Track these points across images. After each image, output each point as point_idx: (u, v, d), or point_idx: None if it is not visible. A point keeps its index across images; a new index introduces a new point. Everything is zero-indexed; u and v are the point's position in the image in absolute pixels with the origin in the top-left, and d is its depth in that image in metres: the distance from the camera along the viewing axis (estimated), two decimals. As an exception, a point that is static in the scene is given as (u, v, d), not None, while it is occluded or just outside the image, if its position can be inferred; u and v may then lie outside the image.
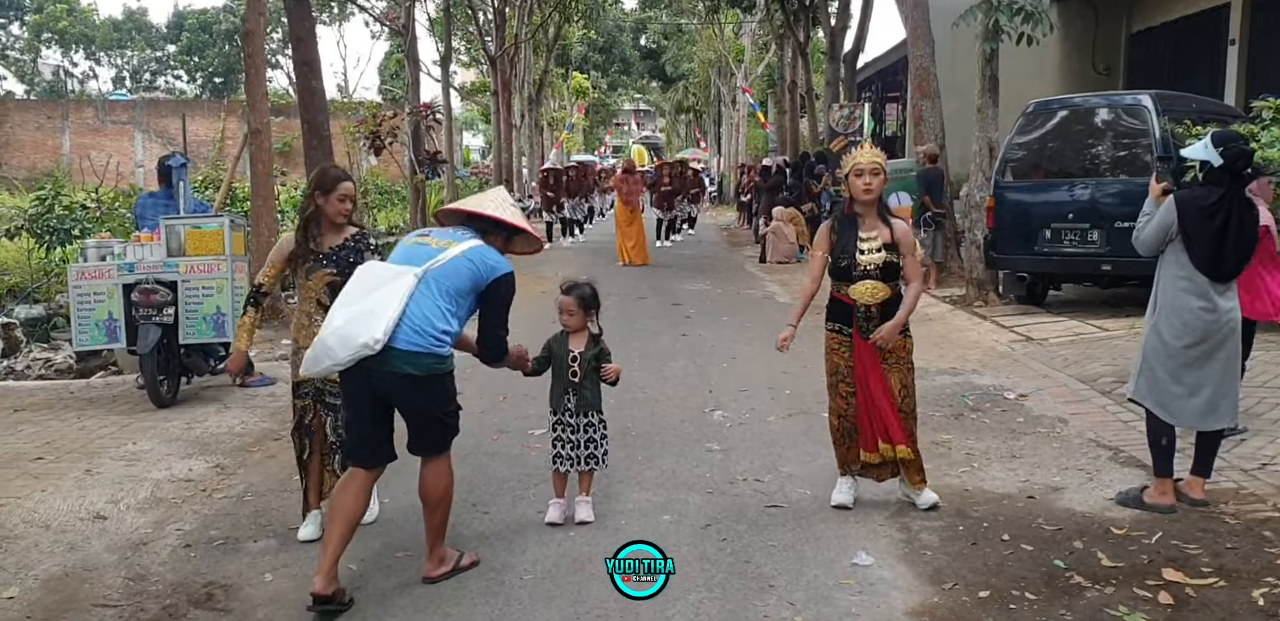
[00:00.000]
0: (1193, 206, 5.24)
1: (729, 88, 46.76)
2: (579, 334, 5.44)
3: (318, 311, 4.99)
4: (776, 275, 17.39)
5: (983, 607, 4.28)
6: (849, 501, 5.51)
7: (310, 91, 14.07)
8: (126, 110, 44.33)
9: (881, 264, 5.33)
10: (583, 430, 5.39)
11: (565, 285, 5.53)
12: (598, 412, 5.45)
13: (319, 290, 5.08)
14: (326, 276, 5.07)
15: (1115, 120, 11.27)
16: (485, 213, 4.69)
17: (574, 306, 5.41)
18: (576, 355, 5.40)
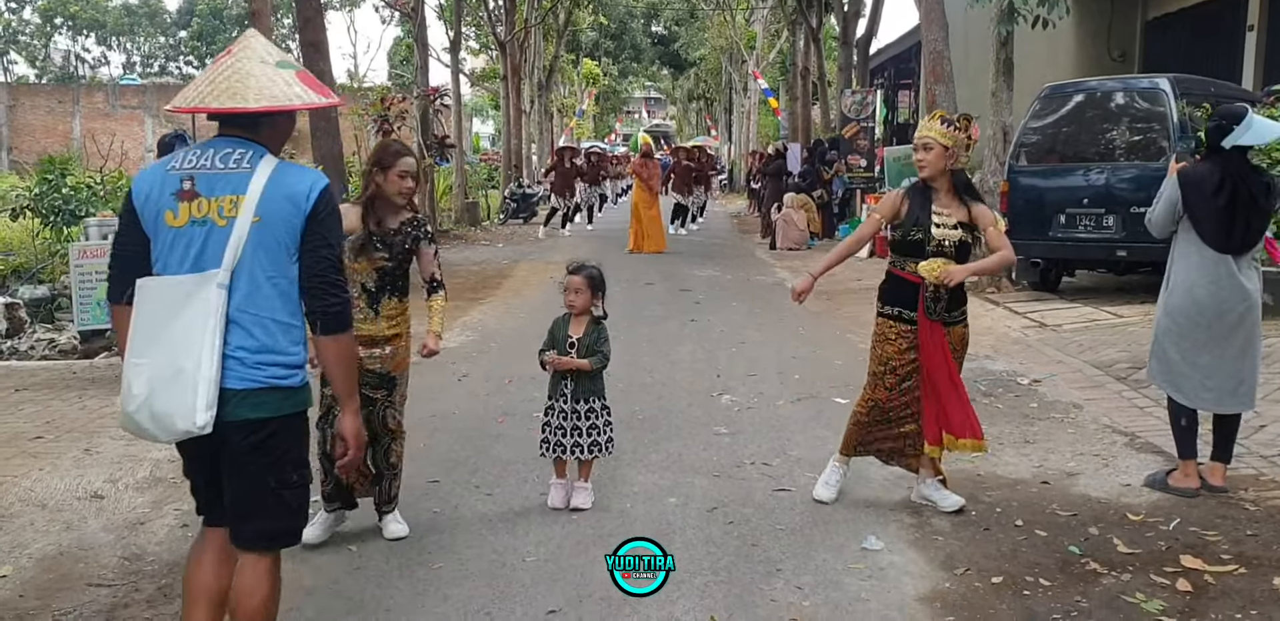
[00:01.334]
0: (1197, 182, 5.22)
1: (740, 75, 46.55)
2: (581, 317, 5.24)
3: (361, 297, 4.70)
4: (787, 262, 17.26)
5: (996, 593, 4.17)
6: (832, 496, 5.23)
7: (318, 73, 13.96)
8: (137, 95, 44.27)
9: (957, 242, 4.91)
10: (584, 416, 5.20)
11: (572, 265, 5.35)
12: (599, 398, 5.24)
13: (366, 274, 4.73)
14: (379, 261, 4.73)
15: (1132, 104, 11.12)
16: (258, 107, 3.06)
17: (581, 285, 5.22)
18: (575, 341, 5.19)
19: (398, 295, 4.81)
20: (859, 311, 11.53)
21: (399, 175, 4.68)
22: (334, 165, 14.51)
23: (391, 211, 4.80)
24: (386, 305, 4.76)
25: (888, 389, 5.11)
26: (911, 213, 4.98)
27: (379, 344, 4.74)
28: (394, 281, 4.79)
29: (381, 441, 4.81)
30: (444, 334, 5.22)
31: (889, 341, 5.10)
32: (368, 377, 4.63)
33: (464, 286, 14.23)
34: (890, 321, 5.10)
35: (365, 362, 4.60)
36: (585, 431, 5.20)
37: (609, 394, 5.37)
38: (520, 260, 17.64)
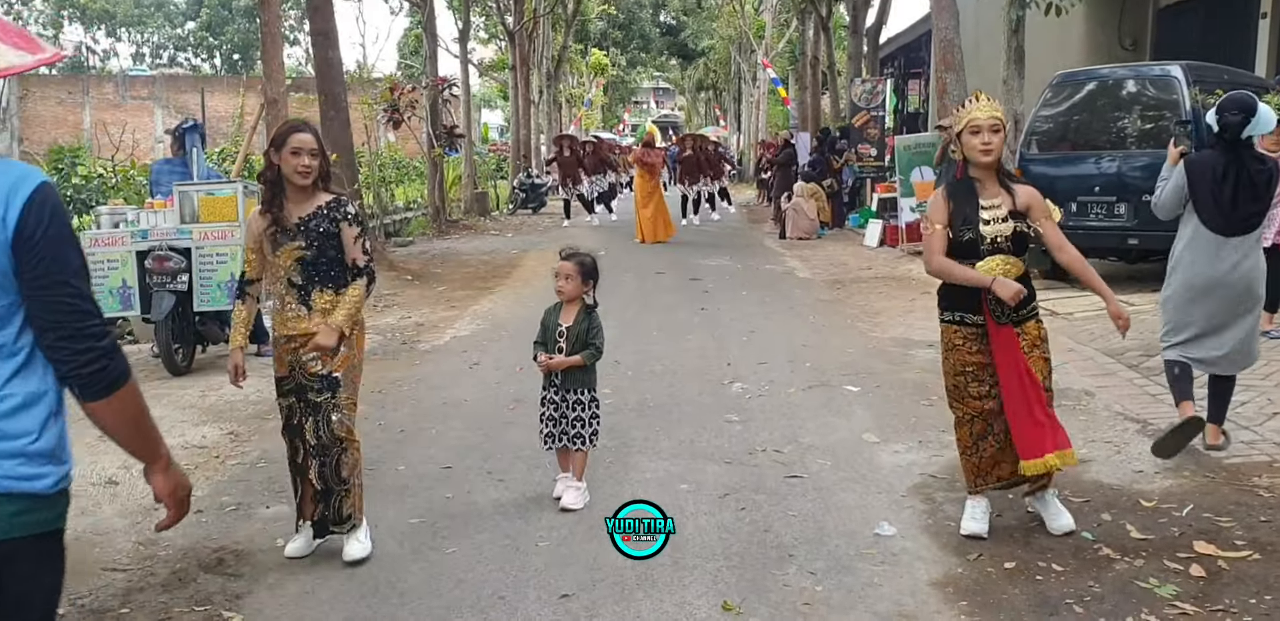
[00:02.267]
0: (1201, 168, 5.52)
1: (749, 64, 46.40)
2: (572, 305, 5.09)
3: (290, 293, 4.43)
4: (796, 251, 17.23)
5: (1009, 579, 4.17)
6: (984, 530, 4.59)
7: (327, 62, 13.99)
8: (146, 86, 44.33)
9: (1012, 234, 4.47)
10: (571, 407, 5.05)
11: (565, 251, 5.22)
12: (589, 390, 5.10)
13: (288, 268, 4.41)
14: (295, 251, 4.37)
15: (1144, 92, 11.07)
16: None
17: (571, 271, 5.05)
18: (564, 330, 5.05)
19: (332, 286, 4.45)
20: (869, 300, 11.55)
21: (292, 152, 4.33)
22: (345, 156, 14.51)
23: (303, 195, 4.45)
24: (320, 299, 4.43)
25: (975, 399, 4.63)
26: (959, 211, 4.53)
27: None
28: (322, 271, 4.43)
29: (330, 452, 4.42)
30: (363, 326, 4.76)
31: (957, 348, 4.68)
32: (308, 381, 4.39)
33: (474, 276, 14.25)
34: (955, 326, 4.68)
35: (307, 365, 4.39)
36: (570, 422, 5.06)
37: (618, 383, 5.38)
38: (530, 250, 17.64)
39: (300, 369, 4.41)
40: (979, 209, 4.51)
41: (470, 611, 3.95)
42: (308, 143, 4.34)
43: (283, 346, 4.47)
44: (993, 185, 4.56)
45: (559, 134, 25.44)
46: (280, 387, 4.51)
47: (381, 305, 11.69)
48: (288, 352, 4.45)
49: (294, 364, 4.43)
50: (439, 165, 21.42)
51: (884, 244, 16.97)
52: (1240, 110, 5.40)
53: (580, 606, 3.95)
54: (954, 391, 4.74)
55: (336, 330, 4.36)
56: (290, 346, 4.44)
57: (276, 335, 4.53)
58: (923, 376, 7.71)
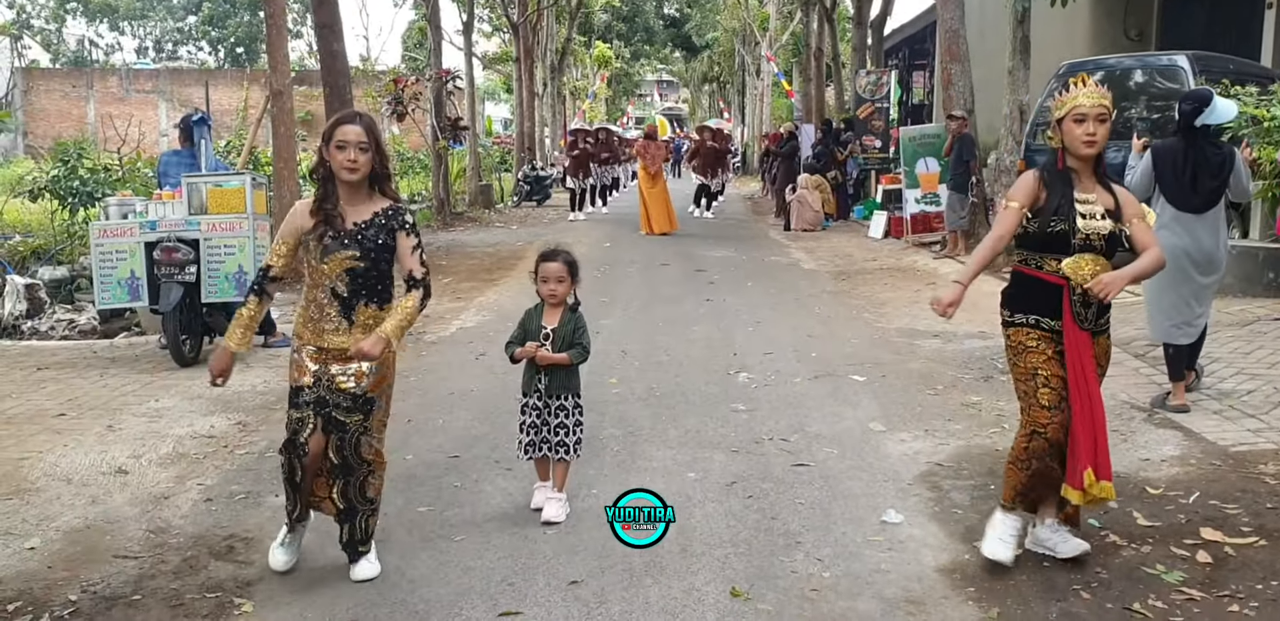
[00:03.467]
0: (1164, 154, 6.31)
1: (753, 57, 46.33)
2: (556, 307, 4.79)
3: (331, 303, 4.07)
4: (801, 242, 17.23)
5: (1015, 565, 4.18)
6: (1010, 557, 4.14)
7: (331, 54, 13.98)
8: (150, 79, 44.40)
9: (1107, 234, 4.08)
10: (553, 414, 4.75)
11: (546, 251, 4.83)
12: (574, 395, 4.79)
13: (334, 277, 4.05)
14: (346, 261, 4.02)
15: (1150, 82, 11.08)
16: None
17: (561, 272, 4.73)
18: (549, 332, 4.74)
19: (377, 301, 4.12)
20: (874, 291, 11.56)
21: (337, 146, 3.98)
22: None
23: (358, 197, 4.10)
24: (363, 313, 4.09)
25: (1046, 408, 4.11)
26: (1052, 199, 4.11)
27: (348, 358, 4.07)
28: (370, 285, 4.09)
29: (356, 473, 4.16)
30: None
31: (1031, 350, 4.17)
32: (340, 398, 4.07)
33: (479, 267, 14.26)
34: (1028, 329, 4.19)
35: (338, 381, 4.06)
36: (553, 429, 4.76)
37: (625, 373, 5.37)
38: (534, 242, 17.60)
39: (329, 382, 4.06)
40: (1074, 202, 4.10)
41: (479, 598, 3.97)
42: (354, 135, 3.97)
43: (312, 355, 4.10)
44: (1090, 180, 4.18)
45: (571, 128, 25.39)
46: (297, 397, 4.11)
47: (387, 297, 11.69)
48: (316, 362, 4.09)
49: (321, 376, 4.07)
50: (443, 158, 21.42)
51: (889, 235, 16.98)
52: (1194, 101, 6.23)
53: (589, 592, 3.97)
54: (1024, 398, 4.23)
55: (385, 340, 3.98)
56: (321, 357, 4.09)
57: (304, 342, 4.13)
58: (928, 366, 7.72)
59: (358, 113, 4.13)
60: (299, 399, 4.10)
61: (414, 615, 3.86)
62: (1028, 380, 4.19)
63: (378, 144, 4.04)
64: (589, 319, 5.05)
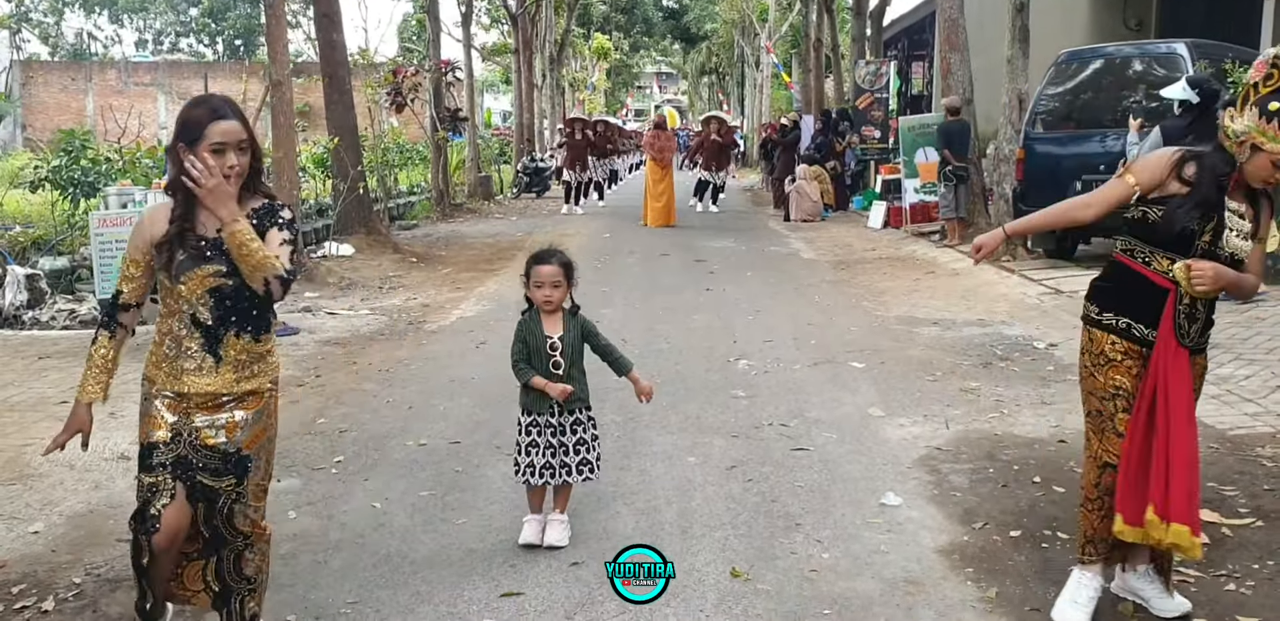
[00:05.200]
0: (1174, 131, 7.10)
1: (752, 48, 46.31)
2: (555, 314, 4.35)
3: (192, 335, 3.20)
4: (801, 233, 17.25)
5: (1014, 546, 4.22)
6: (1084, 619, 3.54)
7: (331, 45, 14.00)
8: (149, 72, 44.36)
9: (1243, 257, 3.45)
10: (570, 431, 4.30)
11: (539, 252, 4.40)
12: (587, 408, 4.38)
13: (195, 300, 3.18)
14: (210, 278, 3.16)
15: (1149, 70, 11.08)
16: None
17: (557, 275, 4.30)
18: (556, 341, 4.28)
19: (252, 330, 3.25)
20: (873, 280, 11.58)
21: (210, 149, 3.09)
22: (349, 139, 14.54)
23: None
24: (233, 346, 3.23)
25: (1122, 436, 3.47)
26: (1196, 192, 3.38)
27: (223, 406, 3.25)
28: (242, 309, 3.22)
29: (230, 546, 3.38)
30: None
31: (1115, 364, 3.51)
32: (207, 458, 3.25)
33: (479, 258, 14.28)
34: (1113, 336, 3.52)
35: (203, 435, 3.23)
36: (572, 448, 4.31)
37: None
38: (534, 232, 17.65)
39: (192, 438, 3.24)
40: (1225, 208, 3.40)
41: (481, 579, 4.00)
42: (233, 133, 3.14)
43: (169, 404, 3.25)
44: (1238, 192, 3.43)
45: (569, 117, 24.86)
46: (150, 457, 3.25)
47: (387, 287, 11.73)
48: (175, 412, 3.24)
49: (181, 430, 3.23)
50: (443, 149, 21.42)
51: (888, 225, 16.99)
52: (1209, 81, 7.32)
53: (591, 574, 3.99)
54: (1096, 419, 3.58)
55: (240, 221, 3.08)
56: (181, 405, 3.24)
57: (158, 388, 3.25)
58: (927, 353, 7.74)
59: (225, 99, 3.26)
60: (152, 460, 3.24)
61: (417, 596, 3.89)
62: (1105, 400, 3.52)
63: (252, 137, 3.25)
64: (590, 309, 5.02)
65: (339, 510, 4.77)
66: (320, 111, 16.58)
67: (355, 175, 14.24)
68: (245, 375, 3.26)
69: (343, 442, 5.78)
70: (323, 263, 12.74)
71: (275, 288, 3.13)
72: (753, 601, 3.77)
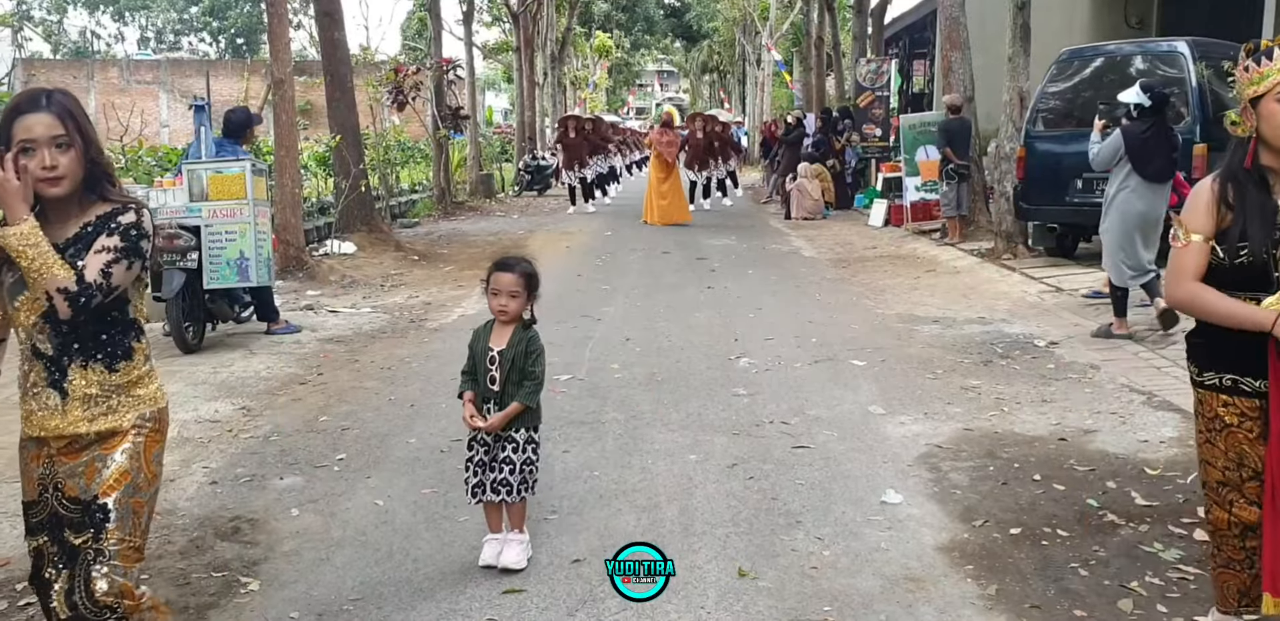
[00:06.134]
0: (1133, 134, 7.70)
1: (754, 46, 46.30)
2: (508, 324, 4.09)
3: (35, 370, 2.79)
4: (802, 231, 17.27)
5: (1014, 544, 4.23)
6: None
7: (332, 43, 14.01)
8: (151, 70, 44.38)
9: None
10: (499, 447, 4.05)
11: (502, 259, 4.15)
12: (527, 428, 4.06)
13: (31, 327, 2.77)
14: (41, 301, 2.71)
15: (1150, 68, 11.06)
16: None
17: (515, 285, 4.02)
18: (496, 354, 4.02)
19: (104, 359, 2.79)
20: (874, 279, 11.59)
21: (21, 149, 2.67)
22: (350, 137, 14.56)
23: (68, 212, 2.79)
24: (81, 378, 2.77)
25: (1249, 504, 3.08)
26: (1240, 218, 2.98)
27: (85, 449, 2.81)
28: (88, 334, 2.77)
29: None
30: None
31: (1233, 429, 3.09)
32: (63, 509, 2.80)
33: (480, 256, 14.27)
34: (1224, 396, 3.10)
35: (65, 486, 2.80)
36: (493, 465, 4.05)
37: (627, 358, 5.31)
38: (535, 231, 17.69)
39: (57, 492, 2.82)
40: (1276, 216, 2.96)
41: (483, 576, 4.01)
42: (44, 129, 2.69)
43: (32, 453, 2.87)
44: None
45: (564, 115, 24.60)
46: (28, 518, 2.90)
47: (389, 284, 11.75)
48: (39, 462, 2.85)
49: (47, 482, 2.84)
50: (444, 147, 21.43)
51: (889, 223, 17.00)
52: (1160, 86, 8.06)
53: (592, 571, 4.00)
54: (1219, 491, 3.17)
55: (22, 223, 2.63)
56: (44, 455, 2.85)
57: (23, 436, 2.89)
58: (928, 351, 7.76)
59: (44, 92, 2.78)
60: (31, 520, 2.88)
61: (419, 593, 3.90)
62: (1230, 469, 3.11)
63: (83, 132, 2.76)
64: (592, 307, 5.00)
65: (341, 507, 4.79)
66: (322, 109, 16.59)
67: (357, 173, 14.26)
68: (100, 412, 2.79)
69: (345, 440, 5.80)
70: (324, 261, 12.76)
71: (59, 303, 2.63)
72: (754, 598, 3.79)
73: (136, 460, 2.83)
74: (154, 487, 2.92)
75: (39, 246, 2.62)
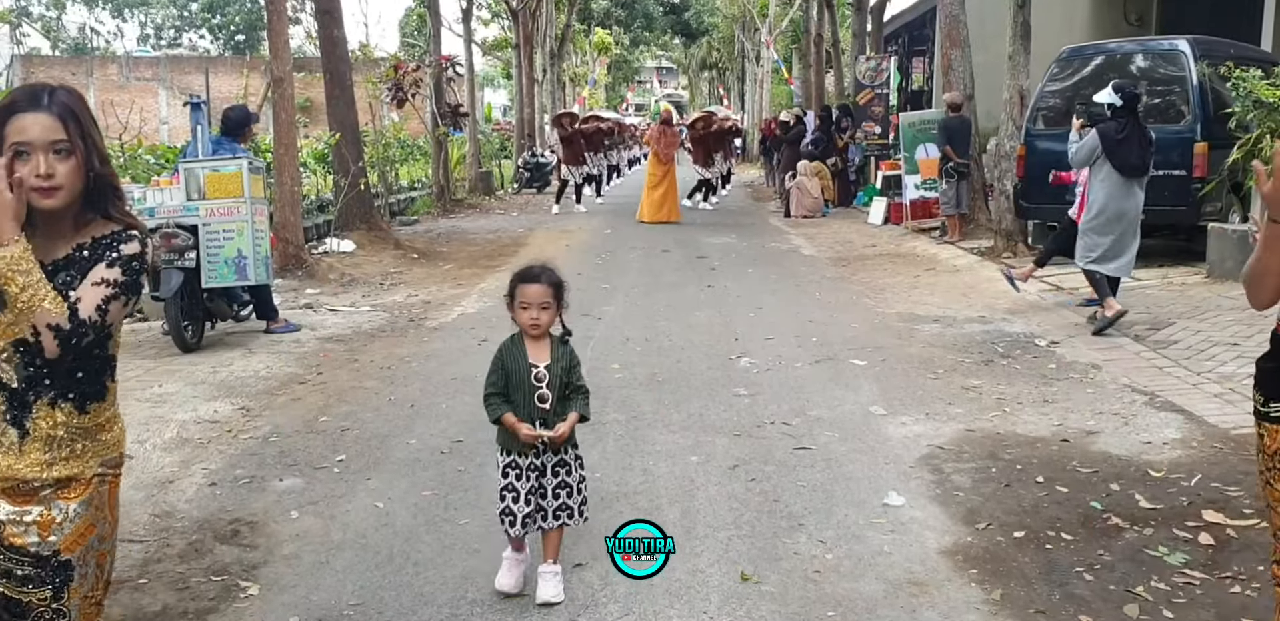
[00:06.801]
0: (1109, 133, 7.98)
1: (753, 43, 46.25)
2: (541, 340, 3.81)
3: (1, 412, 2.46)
4: (801, 229, 17.24)
5: (1018, 547, 4.20)
6: None
7: (332, 41, 13.98)
8: (150, 67, 44.30)
9: None
10: (551, 473, 3.81)
11: (525, 270, 3.83)
12: (573, 446, 3.87)
13: None
14: (12, 327, 2.39)
15: (1151, 67, 11.05)
16: None
17: (545, 296, 3.73)
18: (543, 371, 3.75)
19: (75, 399, 2.50)
20: (874, 277, 11.57)
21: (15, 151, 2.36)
22: (350, 135, 14.53)
23: (61, 229, 2.48)
24: (46, 417, 2.47)
25: None
26: None
27: (36, 495, 2.48)
28: (61, 370, 2.46)
29: None
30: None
31: None
32: (14, 563, 2.47)
33: (480, 254, 14.27)
34: None
35: (8, 534, 2.46)
36: (551, 492, 3.82)
37: (627, 358, 5.30)
38: (535, 229, 17.65)
39: None
40: None
41: (484, 580, 3.98)
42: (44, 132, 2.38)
43: None
44: None
45: (558, 113, 24.26)
46: None
47: (389, 283, 11.72)
48: None
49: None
50: (443, 144, 21.38)
51: (888, 221, 16.97)
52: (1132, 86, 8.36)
53: (595, 575, 3.98)
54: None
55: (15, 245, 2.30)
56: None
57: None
58: (928, 351, 7.73)
59: (46, 89, 2.45)
60: None
61: (419, 598, 3.87)
62: None
63: (87, 137, 2.44)
64: (593, 306, 4.98)
65: (341, 510, 4.76)
66: (322, 106, 16.55)
67: (356, 171, 14.22)
68: (62, 456, 2.47)
69: (345, 441, 5.77)
70: (324, 259, 12.73)
71: (47, 341, 2.34)
72: (756, 603, 3.76)
73: (102, 510, 2.56)
74: (116, 533, 2.66)
75: (30, 274, 2.30)
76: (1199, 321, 8.12)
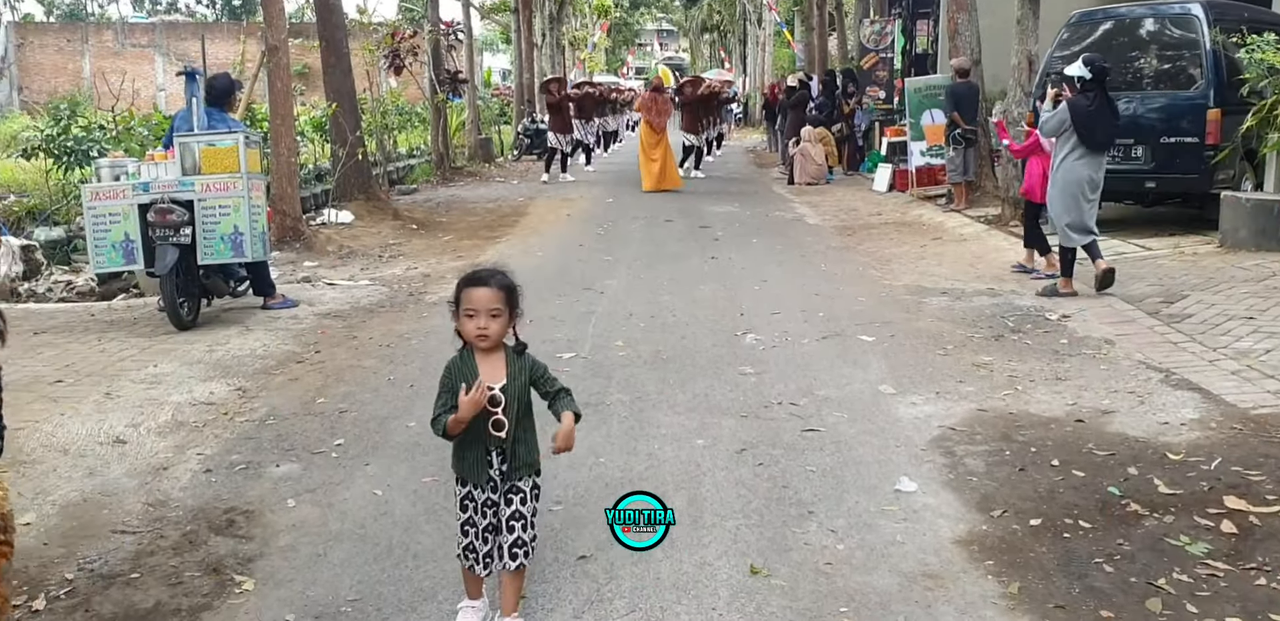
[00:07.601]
0: (1079, 106, 8.00)
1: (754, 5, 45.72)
2: (493, 353, 3.37)
3: None
4: (805, 197, 17.04)
5: (1035, 536, 4.08)
6: None
7: (328, 7, 13.75)
8: (146, 33, 43.92)
9: None
10: (505, 503, 3.40)
11: (471, 274, 3.38)
12: (535, 473, 3.47)
13: None
14: None
15: (1162, 31, 10.82)
16: None
17: (497, 302, 3.28)
18: (498, 394, 3.32)
19: None
20: (880, 247, 11.41)
21: None
22: (347, 103, 14.31)
23: None
24: None
25: None
26: None
27: None
28: None
29: None
30: None
31: None
32: None
33: (480, 224, 14.10)
34: None
35: None
36: (505, 525, 3.40)
37: (630, 334, 5.16)
38: (536, 197, 17.45)
39: None
40: None
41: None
42: None
43: None
44: None
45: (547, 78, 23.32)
46: None
47: (388, 255, 11.57)
48: None
49: None
50: (442, 111, 21.13)
51: (893, 189, 16.77)
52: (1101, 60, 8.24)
53: (599, 568, 3.87)
54: None
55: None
56: None
57: None
58: (937, 325, 7.60)
59: None
60: None
61: (419, 592, 3.76)
62: None
63: None
64: (594, 279, 4.83)
65: (339, 498, 4.64)
66: (319, 72, 16.29)
67: (354, 141, 14.03)
68: None
69: (343, 424, 5.65)
70: (321, 230, 12.57)
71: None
72: (766, 598, 3.65)
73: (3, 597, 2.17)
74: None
75: None
76: (1213, 293, 7.97)
